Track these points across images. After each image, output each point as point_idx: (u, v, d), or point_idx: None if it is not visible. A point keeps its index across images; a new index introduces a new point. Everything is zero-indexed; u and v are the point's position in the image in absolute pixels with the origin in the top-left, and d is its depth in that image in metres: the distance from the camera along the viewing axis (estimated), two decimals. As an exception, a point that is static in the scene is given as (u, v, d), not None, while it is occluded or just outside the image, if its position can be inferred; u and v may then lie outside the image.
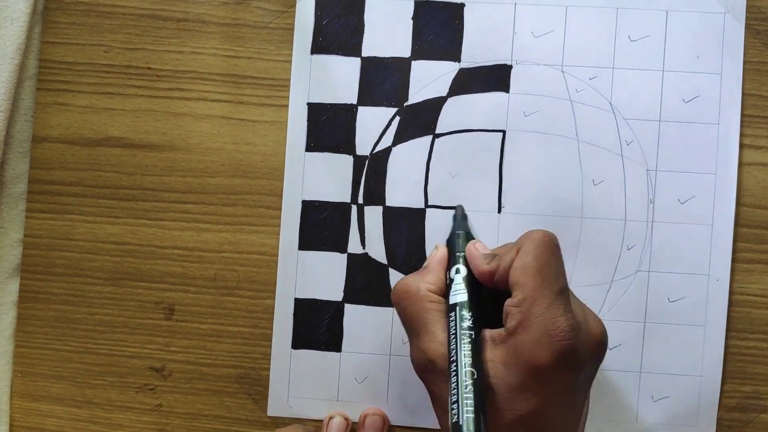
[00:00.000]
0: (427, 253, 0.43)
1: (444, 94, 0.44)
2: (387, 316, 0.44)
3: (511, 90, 0.43)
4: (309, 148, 0.45)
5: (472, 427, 0.31)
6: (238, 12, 0.45)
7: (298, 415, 0.45)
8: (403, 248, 0.44)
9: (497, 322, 0.35)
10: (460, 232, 0.40)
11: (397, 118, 0.44)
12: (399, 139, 0.44)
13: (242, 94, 0.45)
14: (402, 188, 0.44)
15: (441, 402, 0.35)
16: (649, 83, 0.43)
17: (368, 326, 0.44)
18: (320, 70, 0.45)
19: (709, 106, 0.43)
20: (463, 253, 0.38)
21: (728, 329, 0.43)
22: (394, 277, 0.44)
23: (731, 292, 0.43)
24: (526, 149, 0.43)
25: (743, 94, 0.43)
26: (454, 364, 0.33)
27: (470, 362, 0.33)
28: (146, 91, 0.46)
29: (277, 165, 0.45)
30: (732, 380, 0.43)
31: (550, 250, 0.34)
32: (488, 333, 0.34)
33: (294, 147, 0.45)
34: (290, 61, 0.45)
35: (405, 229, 0.44)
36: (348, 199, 0.45)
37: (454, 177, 0.43)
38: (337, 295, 0.45)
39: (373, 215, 0.44)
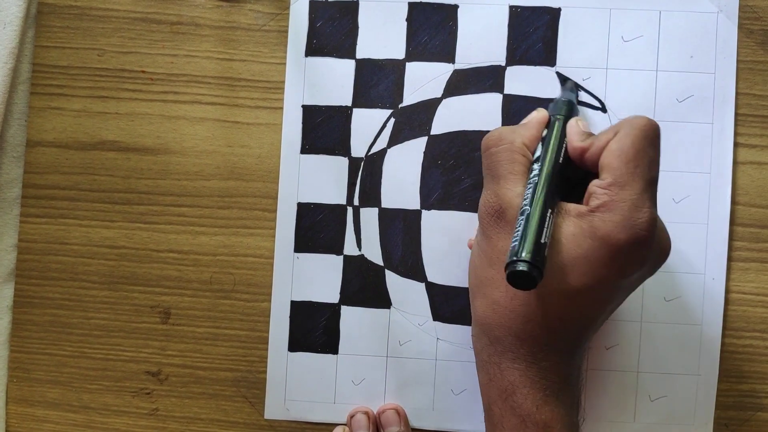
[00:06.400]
0: (424, 255, 0.43)
1: (438, 95, 0.44)
2: (384, 317, 0.44)
3: (505, 91, 0.43)
4: (304, 150, 0.45)
5: (530, 251, 0.31)
6: (232, 15, 0.45)
7: (295, 418, 0.45)
8: (399, 249, 0.44)
9: (572, 200, 0.35)
10: (565, 99, 0.40)
11: (392, 120, 0.44)
12: (394, 140, 0.44)
13: (237, 96, 0.45)
14: (397, 190, 0.44)
15: (496, 251, 0.34)
16: (643, 83, 0.43)
17: (365, 328, 0.44)
18: (315, 72, 0.45)
19: (702, 105, 0.43)
20: (562, 116, 0.38)
21: (724, 328, 0.43)
22: (391, 278, 0.44)
23: (727, 291, 0.43)
24: (521, 150, 0.43)
25: (737, 93, 0.43)
26: (527, 205, 0.33)
27: (543, 207, 0.33)
28: (140, 95, 0.45)
29: (272, 167, 0.45)
30: (729, 379, 0.43)
31: (649, 139, 0.34)
32: (565, 205, 0.34)
33: (289, 149, 0.45)
34: (285, 64, 0.45)
35: (401, 230, 0.44)
36: (344, 201, 0.45)
37: (450, 178, 0.43)
38: (334, 297, 0.45)
39: (369, 217, 0.44)
